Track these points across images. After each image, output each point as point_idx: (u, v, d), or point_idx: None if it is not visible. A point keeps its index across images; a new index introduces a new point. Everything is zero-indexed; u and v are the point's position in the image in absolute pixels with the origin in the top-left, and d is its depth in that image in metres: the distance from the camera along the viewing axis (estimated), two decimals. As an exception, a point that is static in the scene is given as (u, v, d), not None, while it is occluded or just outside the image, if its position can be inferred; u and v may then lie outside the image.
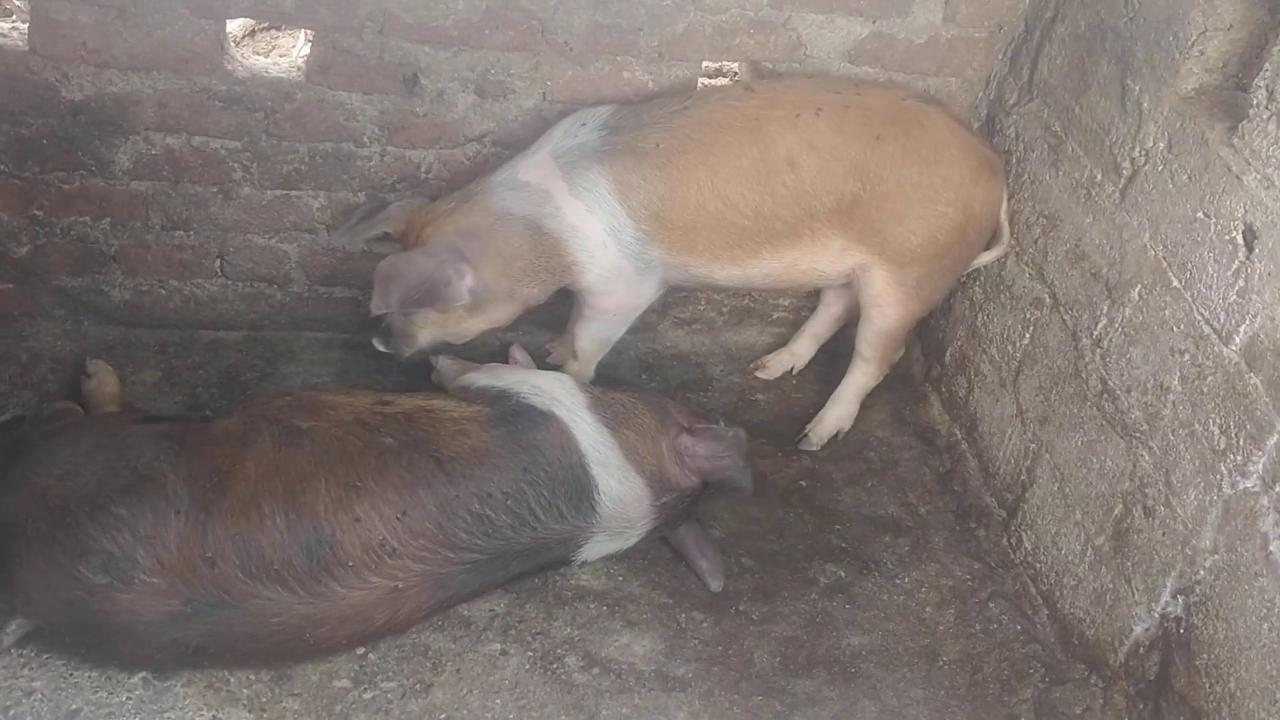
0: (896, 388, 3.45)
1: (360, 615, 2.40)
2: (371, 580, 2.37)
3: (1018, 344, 3.02)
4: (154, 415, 2.77)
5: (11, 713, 2.27)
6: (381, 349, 2.91)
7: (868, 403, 3.33)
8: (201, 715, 2.35)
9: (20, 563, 2.26)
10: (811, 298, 3.50)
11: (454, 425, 2.52)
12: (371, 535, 2.36)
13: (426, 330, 2.90)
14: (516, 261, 2.79)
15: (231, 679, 2.42)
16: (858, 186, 2.81)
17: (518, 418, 2.58)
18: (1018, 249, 3.04)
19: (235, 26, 3.40)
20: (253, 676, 2.44)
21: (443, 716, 2.45)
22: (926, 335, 3.44)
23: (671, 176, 2.76)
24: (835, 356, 3.41)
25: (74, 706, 2.32)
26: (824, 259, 2.94)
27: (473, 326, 2.91)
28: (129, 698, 2.36)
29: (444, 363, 3.05)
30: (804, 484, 3.17)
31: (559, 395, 2.66)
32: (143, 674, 2.38)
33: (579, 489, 2.56)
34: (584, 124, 2.83)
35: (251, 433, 2.44)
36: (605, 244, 2.81)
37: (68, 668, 2.37)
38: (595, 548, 2.66)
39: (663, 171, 2.76)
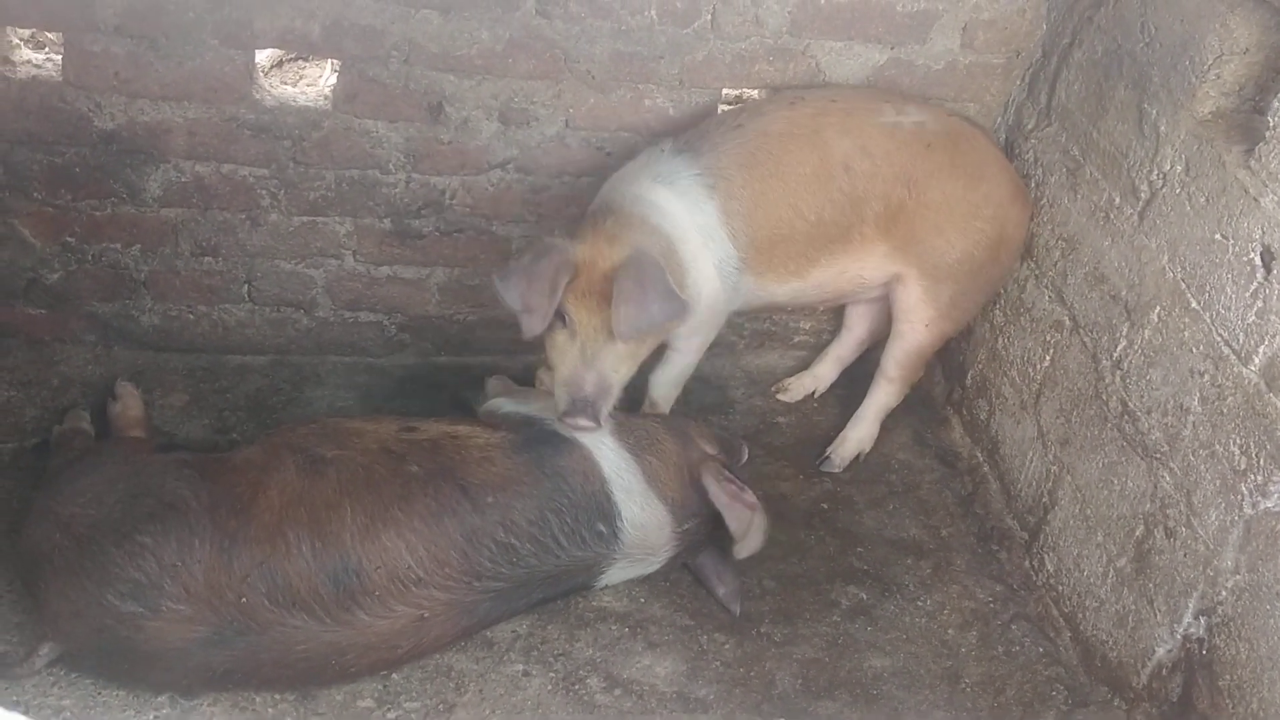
0: (918, 411, 3.47)
1: (385, 643, 2.43)
2: (397, 609, 2.39)
3: (1038, 366, 3.03)
4: (174, 444, 2.80)
5: (41, 730, 2.31)
6: (588, 425, 2.55)
7: (889, 425, 3.34)
8: (228, 734, 2.39)
9: (49, 590, 2.30)
10: (834, 321, 3.53)
11: (479, 452, 2.54)
12: (398, 564, 2.38)
13: (621, 370, 2.63)
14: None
15: (257, 699, 2.44)
16: (905, 193, 2.85)
17: (542, 444, 2.60)
18: (1037, 271, 3.05)
19: (263, 57, 3.47)
20: (278, 697, 2.46)
21: (466, 737, 2.47)
22: (947, 359, 3.45)
23: (755, 195, 2.77)
24: (855, 379, 3.43)
25: (102, 724, 2.35)
26: (869, 265, 2.96)
27: (636, 363, 2.70)
28: (155, 716, 2.38)
29: (493, 383, 3.07)
30: (825, 506, 3.18)
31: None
32: (169, 693, 2.41)
33: (602, 515, 2.58)
34: (663, 150, 2.81)
35: (274, 461, 2.46)
36: (711, 277, 2.78)
37: (96, 687, 2.40)
38: (617, 573, 2.68)
39: (748, 190, 2.77)
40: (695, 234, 2.71)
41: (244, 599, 2.28)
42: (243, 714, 2.41)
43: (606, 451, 2.63)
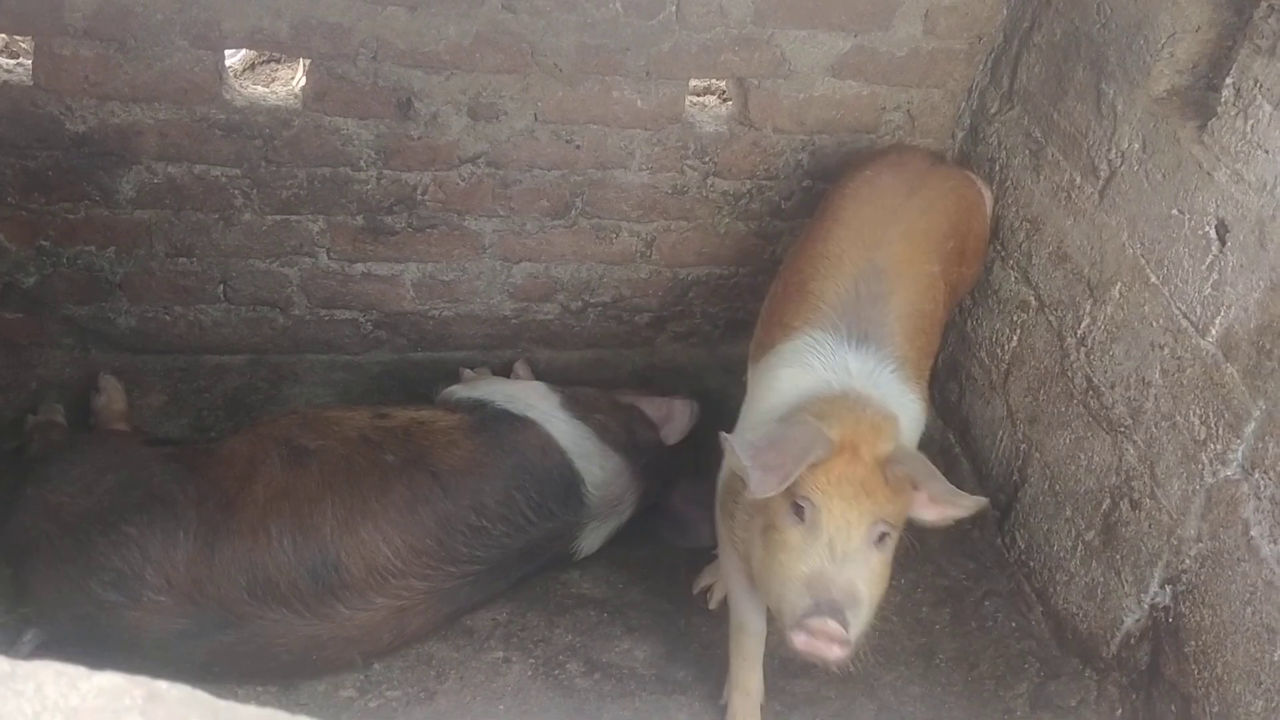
0: (891, 395, 3.50)
1: (367, 636, 2.46)
2: (376, 601, 2.43)
3: (1006, 347, 3.07)
4: (161, 438, 2.83)
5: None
6: (836, 637, 2.01)
7: (863, 411, 3.38)
8: (210, 725, 2.40)
9: (35, 576, 2.34)
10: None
11: (444, 436, 2.60)
12: (376, 557, 2.42)
13: (875, 586, 2.12)
14: None
15: (239, 690, 2.47)
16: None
17: (498, 423, 2.67)
18: (1003, 253, 3.09)
19: (236, 61, 3.50)
20: (260, 688, 2.49)
21: (448, 723, 2.50)
22: (919, 343, 3.49)
23: (919, 358, 2.53)
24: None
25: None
26: None
27: (887, 581, 2.22)
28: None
29: (470, 376, 3.18)
30: (801, 491, 3.21)
31: (532, 400, 2.77)
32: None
33: (565, 485, 2.65)
34: (843, 340, 2.41)
35: (260, 454, 2.50)
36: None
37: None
38: (592, 536, 2.74)
39: (920, 363, 2.53)
40: (907, 426, 2.38)
41: (223, 590, 2.31)
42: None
43: (559, 423, 2.70)
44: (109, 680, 0.76)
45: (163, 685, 0.76)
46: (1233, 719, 2.21)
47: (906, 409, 2.38)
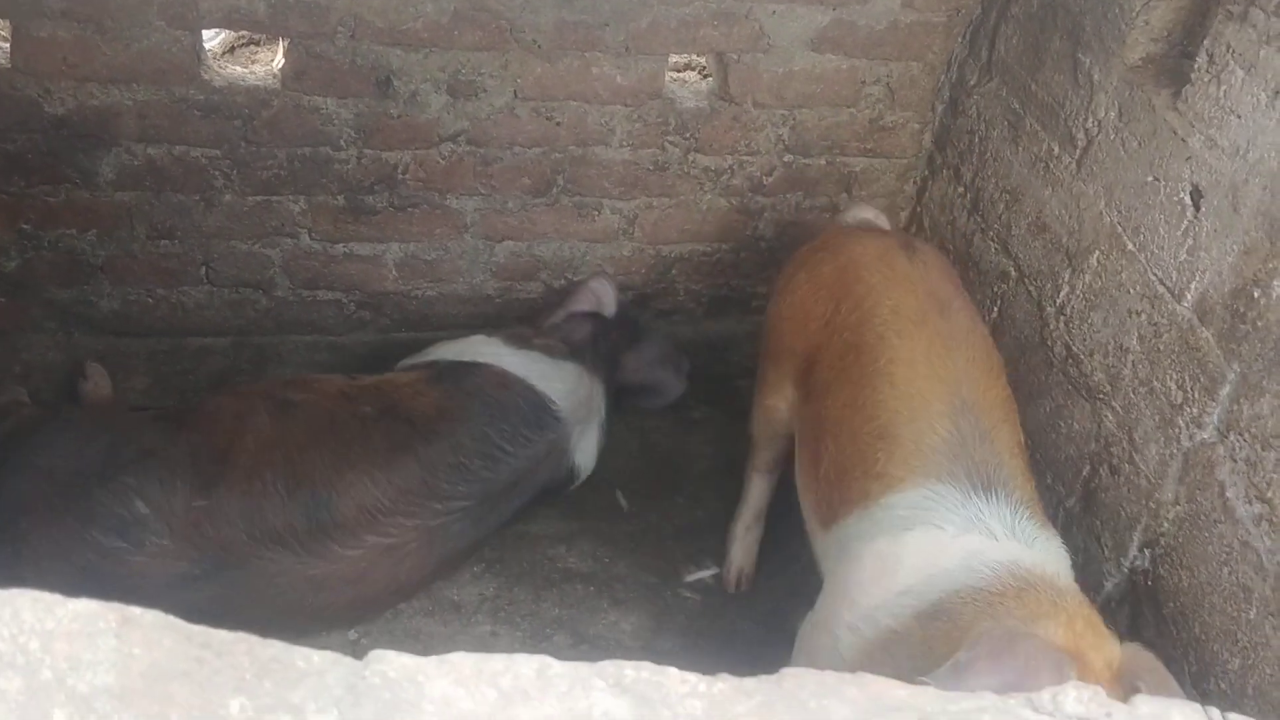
0: (874, 369, 3.52)
1: (361, 575, 2.51)
2: (367, 539, 2.49)
3: (987, 318, 3.08)
4: (143, 406, 2.93)
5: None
6: None
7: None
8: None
9: (30, 536, 2.38)
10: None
11: (409, 389, 2.73)
12: (364, 496, 2.50)
13: None
14: None
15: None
16: None
17: (452, 371, 2.79)
18: (983, 225, 3.11)
19: (215, 43, 3.49)
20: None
21: (435, 696, 2.51)
22: (901, 316, 3.51)
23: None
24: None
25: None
26: None
27: None
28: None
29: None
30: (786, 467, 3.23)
31: (477, 348, 2.89)
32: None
33: (534, 408, 2.74)
34: (985, 496, 2.15)
35: (246, 409, 2.60)
36: None
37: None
38: (582, 448, 2.83)
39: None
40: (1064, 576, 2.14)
41: (223, 532, 2.38)
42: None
43: (508, 358, 2.82)
44: (84, 606, 0.78)
45: (136, 611, 0.78)
46: (1211, 678, 2.24)
47: (1060, 559, 2.14)
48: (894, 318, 2.42)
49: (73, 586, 2.33)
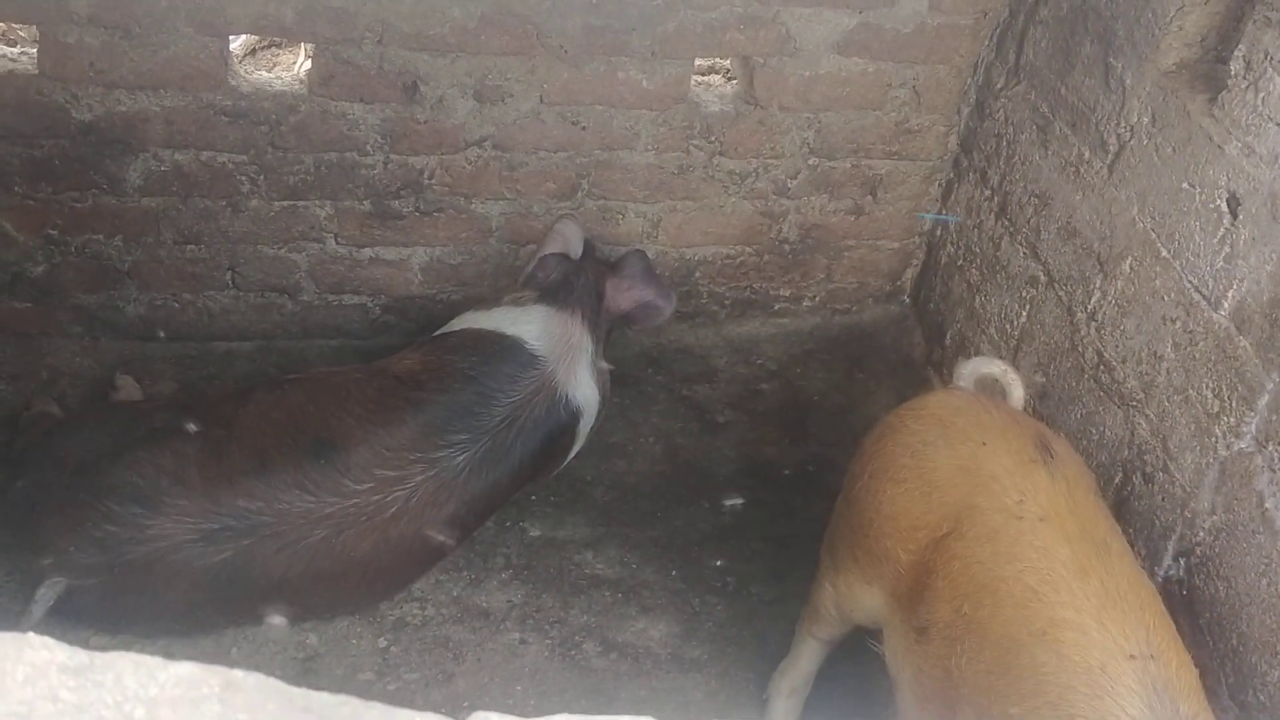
0: (899, 372, 3.51)
1: (377, 511, 2.50)
2: (377, 473, 2.51)
3: (1015, 323, 3.07)
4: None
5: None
6: None
7: (872, 389, 3.39)
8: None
9: (46, 515, 2.42)
10: (812, 287, 3.57)
11: (396, 357, 2.81)
12: (367, 435, 2.55)
13: None
14: None
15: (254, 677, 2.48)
16: None
17: (431, 341, 2.87)
18: (1011, 229, 3.09)
19: (237, 45, 3.48)
20: (278, 672, 2.49)
21: (465, 704, 2.51)
22: (926, 319, 3.50)
23: None
24: (836, 344, 3.47)
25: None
26: None
27: None
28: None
29: None
30: (811, 469, 3.22)
31: (451, 322, 2.95)
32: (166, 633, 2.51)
33: (509, 350, 2.77)
34: None
35: (247, 390, 2.75)
36: None
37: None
38: (576, 386, 2.83)
39: None
40: None
41: (237, 484, 2.43)
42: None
43: (480, 319, 2.88)
44: (186, 670, 0.77)
45: (239, 674, 0.78)
46: (1249, 689, 2.22)
47: None
48: (1046, 562, 1.97)
49: (90, 564, 2.38)
